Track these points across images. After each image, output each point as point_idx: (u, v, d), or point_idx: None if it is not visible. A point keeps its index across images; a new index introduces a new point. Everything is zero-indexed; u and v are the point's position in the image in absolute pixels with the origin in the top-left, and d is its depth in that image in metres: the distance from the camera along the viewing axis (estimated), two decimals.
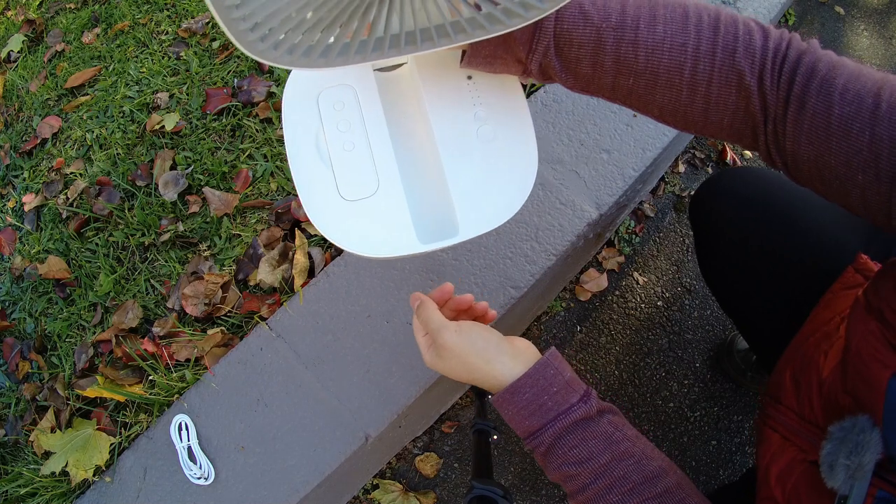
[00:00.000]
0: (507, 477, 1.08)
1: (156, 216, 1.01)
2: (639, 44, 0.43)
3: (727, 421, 1.12)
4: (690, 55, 0.42)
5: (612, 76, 0.45)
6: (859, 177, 0.39)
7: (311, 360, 0.77)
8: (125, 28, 1.30)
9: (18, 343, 0.98)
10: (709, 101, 0.43)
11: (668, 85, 0.44)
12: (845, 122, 0.38)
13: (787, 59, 0.41)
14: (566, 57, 0.45)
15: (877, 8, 1.80)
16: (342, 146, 0.50)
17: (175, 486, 0.74)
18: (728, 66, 0.42)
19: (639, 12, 0.43)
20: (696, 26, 0.42)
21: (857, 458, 0.39)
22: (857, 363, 0.44)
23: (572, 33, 0.44)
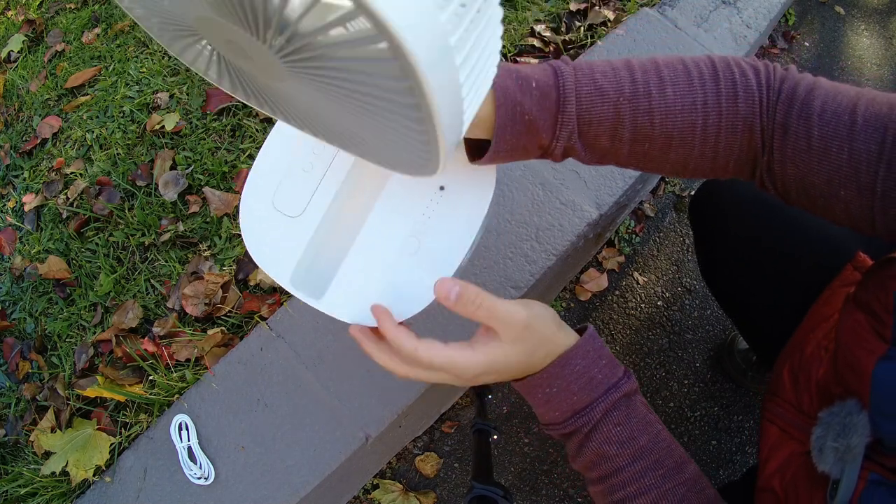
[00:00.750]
0: (507, 477, 1.08)
1: (156, 216, 1.01)
2: (654, 111, 0.42)
3: (727, 421, 1.12)
4: (700, 112, 0.42)
5: (628, 145, 0.44)
6: (842, 192, 0.40)
7: (311, 360, 0.77)
8: (125, 28, 1.30)
9: (18, 343, 0.98)
10: (717, 151, 0.44)
11: (681, 144, 0.44)
12: (825, 142, 0.39)
13: (772, 90, 0.42)
14: (586, 135, 0.44)
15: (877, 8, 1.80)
16: (303, 165, 0.53)
17: (175, 486, 0.74)
18: (733, 114, 0.42)
19: (647, 77, 0.43)
20: (699, 80, 0.43)
21: (845, 441, 0.40)
22: (844, 353, 0.45)
23: (592, 112, 0.43)
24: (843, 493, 0.39)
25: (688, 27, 1.02)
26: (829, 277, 0.63)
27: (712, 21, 1.04)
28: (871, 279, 0.46)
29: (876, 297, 0.43)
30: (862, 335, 0.43)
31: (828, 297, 0.62)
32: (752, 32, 1.04)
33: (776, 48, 1.65)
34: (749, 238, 0.70)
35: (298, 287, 0.51)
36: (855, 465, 0.39)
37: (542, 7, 1.09)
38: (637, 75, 0.43)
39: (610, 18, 1.04)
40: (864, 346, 0.42)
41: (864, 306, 0.44)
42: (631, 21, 1.02)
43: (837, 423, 0.41)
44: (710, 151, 0.44)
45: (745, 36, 1.04)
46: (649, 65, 0.44)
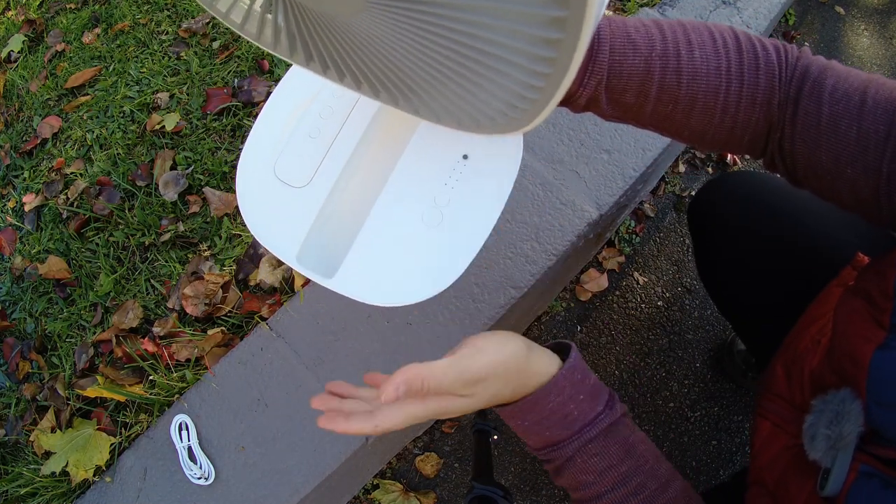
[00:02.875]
0: (507, 477, 1.08)
1: (156, 216, 1.01)
2: (682, 71, 0.42)
3: (727, 421, 1.12)
4: (724, 78, 0.42)
5: (652, 104, 0.44)
6: (848, 170, 0.40)
7: (311, 360, 0.77)
8: (125, 28, 1.30)
9: (18, 343, 0.98)
10: (736, 121, 0.43)
11: (703, 109, 0.43)
12: (834, 120, 0.40)
13: (797, 68, 0.42)
14: (613, 87, 0.43)
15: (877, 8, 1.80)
16: (309, 130, 0.48)
17: (175, 486, 0.74)
18: (754, 85, 0.42)
19: (676, 37, 0.42)
20: (724, 48, 0.42)
21: (838, 428, 0.40)
22: (841, 342, 0.45)
23: (623, 64, 0.42)
24: (833, 483, 0.39)
25: None
26: (827, 280, 0.63)
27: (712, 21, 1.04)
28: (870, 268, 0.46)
29: (875, 284, 0.43)
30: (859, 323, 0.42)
31: (825, 296, 0.62)
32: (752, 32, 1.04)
33: None
34: (747, 241, 0.70)
35: (306, 265, 0.46)
36: (846, 455, 0.39)
37: None
38: (668, 34, 0.42)
39: None
40: (861, 334, 0.42)
41: (862, 293, 0.44)
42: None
43: (831, 410, 0.41)
44: (730, 121, 0.43)
45: None
46: (678, 26, 0.43)
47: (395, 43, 0.28)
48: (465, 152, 0.48)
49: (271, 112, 0.49)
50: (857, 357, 0.41)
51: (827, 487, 0.39)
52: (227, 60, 1.17)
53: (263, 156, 0.48)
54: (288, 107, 0.49)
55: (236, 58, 1.17)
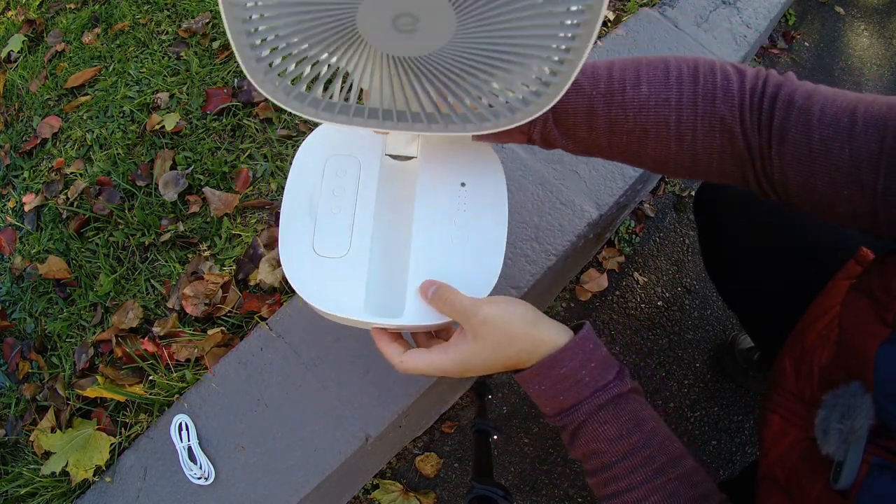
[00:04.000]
0: (507, 477, 1.08)
1: (156, 216, 1.01)
2: (626, 105, 0.45)
3: (727, 421, 1.12)
4: (674, 108, 0.45)
5: (606, 137, 0.47)
6: (845, 192, 0.41)
7: (311, 360, 0.77)
8: (125, 28, 1.30)
9: (18, 343, 0.98)
10: (696, 149, 0.46)
11: (657, 138, 0.46)
12: (825, 144, 0.40)
13: (766, 96, 0.43)
14: (563, 124, 0.49)
15: (877, 8, 1.80)
16: (330, 208, 0.55)
17: (175, 486, 0.74)
18: (710, 114, 0.44)
19: (624, 74, 0.46)
20: (676, 80, 0.45)
21: (849, 422, 0.40)
22: (848, 338, 0.45)
23: (566, 103, 0.47)
24: (846, 477, 0.39)
25: (688, 27, 1.02)
26: (833, 271, 0.63)
27: (712, 21, 1.04)
28: (875, 267, 0.46)
29: (878, 284, 0.43)
30: (865, 320, 0.43)
31: (830, 289, 0.62)
32: (752, 32, 1.04)
33: (776, 48, 1.65)
34: (753, 232, 0.71)
35: (377, 314, 0.52)
36: (858, 448, 0.39)
37: None
38: (616, 73, 0.46)
39: (610, 18, 1.04)
40: (866, 331, 0.42)
41: (868, 292, 0.44)
42: (631, 21, 1.02)
43: (842, 404, 0.41)
44: (689, 149, 0.46)
45: (745, 36, 1.04)
46: (631, 64, 0.47)
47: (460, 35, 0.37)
48: (461, 181, 0.56)
49: (291, 201, 0.56)
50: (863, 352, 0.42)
51: (840, 480, 0.40)
52: (227, 60, 1.17)
53: (299, 239, 0.54)
54: (303, 194, 0.56)
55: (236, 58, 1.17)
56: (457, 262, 0.53)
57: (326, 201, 0.55)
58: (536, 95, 0.42)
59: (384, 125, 0.46)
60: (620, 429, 0.45)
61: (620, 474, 0.44)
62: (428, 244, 0.54)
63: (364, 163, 0.57)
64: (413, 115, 0.45)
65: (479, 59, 0.39)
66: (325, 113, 0.44)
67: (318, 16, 0.35)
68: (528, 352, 0.47)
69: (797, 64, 1.64)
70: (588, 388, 0.45)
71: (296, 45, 0.37)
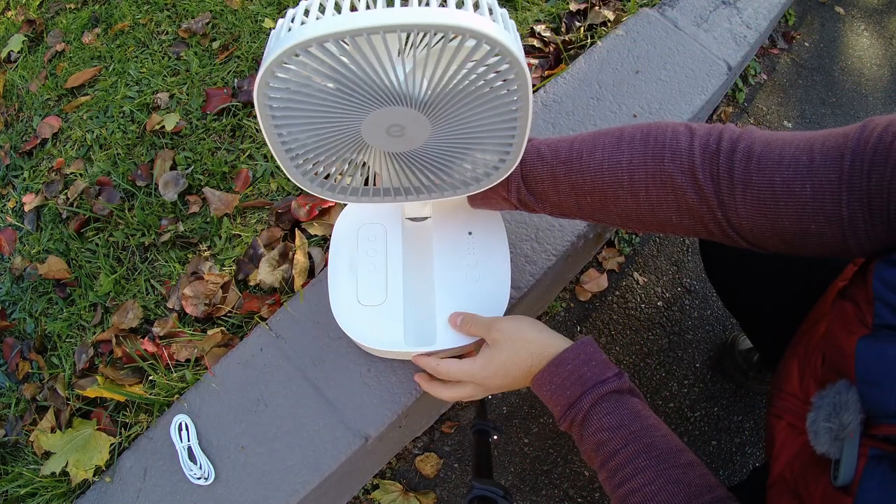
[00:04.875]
0: (507, 477, 1.08)
1: (156, 216, 1.01)
2: (584, 170, 0.53)
3: (727, 421, 1.12)
4: (625, 170, 0.50)
5: (573, 198, 0.55)
6: (812, 227, 0.43)
7: (311, 360, 0.77)
8: (125, 28, 1.30)
9: (18, 343, 0.98)
10: (652, 205, 0.50)
11: (614, 197, 0.52)
12: (787, 185, 0.43)
13: (721, 152, 0.46)
14: (534, 190, 0.57)
15: (877, 8, 1.80)
16: (367, 267, 0.68)
17: (175, 486, 0.74)
18: (659, 172, 0.49)
19: (582, 145, 0.53)
20: (628, 144, 0.51)
21: (837, 419, 0.41)
22: (832, 340, 0.47)
23: (533, 173, 0.56)
24: (844, 472, 0.40)
25: (687, 27, 1.02)
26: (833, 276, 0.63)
27: (712, 21, 1.04)
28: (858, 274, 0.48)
29: (860, 290, 0.45)
30: (848, 321, 0.44)
31: (829, 294, 0.62)
32: (752, 32, 1.04)
33: (776, 48, 1.65)
34: None
35: (415, 345, 0.65)
36: (853, 444, 0.40)
37: (542, 7, 1.09)
38: (576, 145, 0.54)
39: (610, 19, 1.04)
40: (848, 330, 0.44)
41: (851, 297, 0.46)
42: (631, 21, 1.02)
43: (828, 403, 0.42)
44: (647, 205, 0.51)
45: (745, 36, 1.04)
46: (590, 136, 0.54)
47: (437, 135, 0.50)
48: (468, 231, 0.70)
49: (335, 265, 0.70)
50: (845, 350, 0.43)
51: (839, 477, 0.40)
52: (227, 60, 1.17)
53: (345, 295, 0.68)
54: (343, 258, 0.70)
55: (236, 58, 1.17)
56: (472, 295, 0.66)
57: (363, 262, 0.68)
58: (496, 169, 0.55)
59: (395, 199, 0.60)
60: (622, 418, 0.49)
61: (625, 461, 0.47)
62: (448, 284, 0.67)
63: (389, 228, 0.70)
64: (415, 189, 0.59)
65: (451, 149, 0.52)
66: (351, 196, 0.59)
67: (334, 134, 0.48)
68: (538, 355, 0.55)
69: (797, 64, 1.64)
70: (589, 381, 0.51)
71: (321, 154, 0.51)
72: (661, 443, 0.48)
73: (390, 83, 0.43)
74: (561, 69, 0.97)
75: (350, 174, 0.55)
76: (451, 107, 0.46)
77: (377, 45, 0.40)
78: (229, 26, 1.22)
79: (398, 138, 0.49)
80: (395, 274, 0.68)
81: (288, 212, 0.91)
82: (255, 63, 1.15)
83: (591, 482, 1.07)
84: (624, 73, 0.94)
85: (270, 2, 1.25)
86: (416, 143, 0.50)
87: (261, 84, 0.42)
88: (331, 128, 0.48)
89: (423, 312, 0.67)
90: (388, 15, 0.37)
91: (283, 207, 0.92)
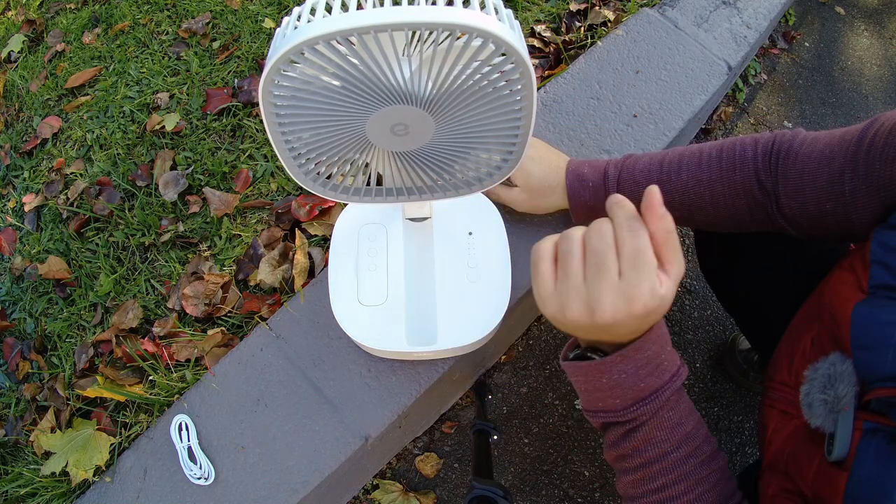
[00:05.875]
0: (507, 477, 1.08)
1: (156, 216, 1.01)
2: (673, 191, 0.59)
3: (727, 421, 1.12)
4: (706, 185, 0.58)
5: None
6: (827, 206, 0.51)
7: (311, 361, 0.77)
8: (125, 28, 1.30)
9: (18, 343, 0.98)
10: (729, 210, 0.58)
11: (699, 211, 0.60)
12: (812, 173, 0.51)
13: (772, 154, 0.55)
14: None
15: (877, 8, 1.80)
16: (368, 266, 0.68)
17: (175, 486, 0.74)
18: (731, 183, 0.57)
19: (671, 167, 0.60)
20: (707, 163, 0.58)
21: (832, 391, 0.40)
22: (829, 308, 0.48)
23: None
24: (839, 446, 0.39)
25: (688, 27, 1.02)
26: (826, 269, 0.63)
27: (712, 21, 1.04)
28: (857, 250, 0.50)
29: (858, 256, 0.47)
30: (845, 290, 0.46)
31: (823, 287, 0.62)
32: (753, 33, 1.04)
33: (776, 48, 1.65)
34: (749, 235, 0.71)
35: (416, 344, 0.65)
36: (848, 417, 0.40)
37: (543, 7, 1.09)
38: (664, 166, 0.60)
39: (610, 19, 1.04)
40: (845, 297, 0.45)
41: (848, 267, 0.49)
42: (631, 21, 1.02)
43: (822, 375, 0.42)
44: (725, 213, 0.58)
45: (745, 36, 1.04)
46: (674, 156, 0.60)
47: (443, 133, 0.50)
48: (468, 231, 0.70)
49: (335, 265, 0.69)
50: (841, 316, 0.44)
51: (834, 452, 0.40)
52: (227, 60, 1.17)
53: (346, 293, 0.68)
54: (344, 258, 0.69)
55: (236, 58, 1.17)
56: (473, 295, 0.66)
57: (364, 262, 0.68)
58: (498, 169, 0.56)
59: (398, 199, 0.60)
60: (681, 415, 0.44)
61: (672, 465, 0.43)
62: (448, 284, 0.67)
63: (389, 228, 0.70)
64: (417, 189, 0.59)
65: (454, 148, 0.52)
66: (353, 196, 0.59)
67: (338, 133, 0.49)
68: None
69: (797, 64, 1.64)
70: (667, 372, 0.43)
71: (324, 153, 0.51)
72: (706, 444, 0.46)
73: (396, 82, 0.43)
74: (561, 69, 0.97)
75: (353, 174, 0.56)
76: (455, 106, 0.46)
77: (384, 44, 0.40)
78: (229, 26, 1.22)
79: (402, 137, 0.49)
80: (395, 274, 0.68)
81: (288, 212, 0.91)
82: (256, 63, 1.15)
83: (591, 482, 1.07)
84: (624, 73, 0.94)
85: (270, 2, 1.25)
86: (420, 143, 0.51)
87: (266, 82, 0.42)
88: (335, 127, 0.48)
89: (423, 312, 0.67)
90: (396, 13, 0.38)
91: (283, 207, 0.92)
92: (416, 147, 0.52)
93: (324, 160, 0.53)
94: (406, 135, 0.49)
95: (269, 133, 0.47)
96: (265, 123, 0.46)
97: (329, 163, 0.53)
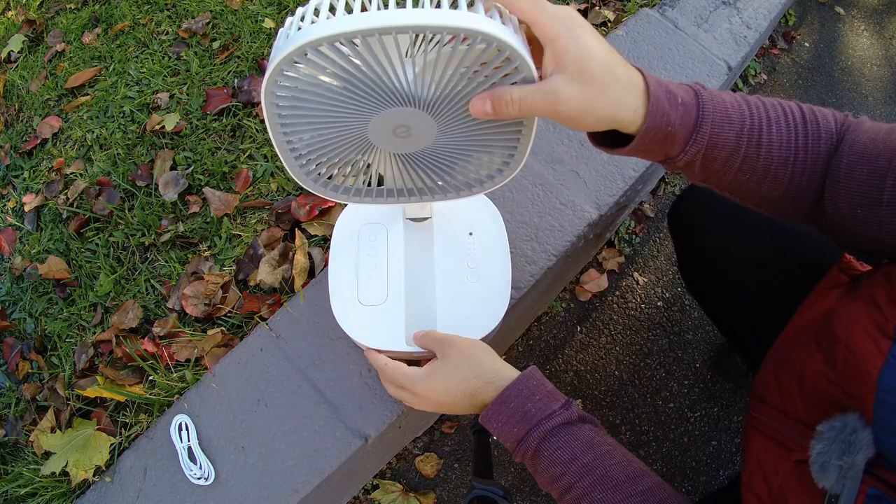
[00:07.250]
0: (507, 477, 1.08)
1: (156, 216, 1.01)
2: (762, 144, 0.46)
3: (727, 421, 1.12)
4: (793, 150, 0.46)
5: (734, 173, 0.47)
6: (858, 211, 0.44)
7: (311, 360, 0.77)
8: (125, 28, 1.30)
9: (18, 343, 0.98)
10: (800, 188, 0.47)
11: (774, 178, 0.47)
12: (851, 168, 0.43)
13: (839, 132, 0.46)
14: (708, 156, 0.46)
15: (877, 8, 1.80)
16: (368, 266, 0.68)
17: (175, 486, 0.74)
18: (815, 154, 0.46)
19: (759, 113, 0.46)
20: (793, 121, 0.46)
21: (850, 458, 0.39)
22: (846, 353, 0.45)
23: (720, 136, 0.45)
24: None
25: (688, 27, 1.02)
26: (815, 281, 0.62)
27: (712, 21, 1.04)
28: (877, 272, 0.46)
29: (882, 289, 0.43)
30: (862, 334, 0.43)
31: (814, 300, 0.61)
32: (752, 33, 1.04)
33: (776, 48, 1.65)
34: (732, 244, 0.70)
35: (415, 345, 0.64)
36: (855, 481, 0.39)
37: None
38: (753, 110, 0.47)
39: (610, 19, 1.04)
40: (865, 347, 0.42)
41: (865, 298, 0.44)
42: (631, 21, 1.02)
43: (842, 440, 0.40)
44: (795, 189, 0.47)
45: (745, 36, 1.04)
46: (758, 102, 0.47)
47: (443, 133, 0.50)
48: (469, 231, 0.70)
49: (335, 265, 0.70)
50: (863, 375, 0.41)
51: None
52: (227, 60, 1.17)
53: (346, 294, 0.68)
54: (344, 258, 0.70)
55: (236, 58, 1.17)
56: (473, 295, 0.66)
57: (364, 262, 0.68)
58: (499, 171, 0.55)
59: (398, 200, 0.60)
60: (573, 451, 0.48)
61: (581, 494, 0.47)
62: (449, 285, 0.67)
63: (389, 228, 0.70)
64: (418, 190, 0.59)
65: (456, 150, 0.52)
66: (354, 197, 0.59)
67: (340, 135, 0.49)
68: (483, 379, 0.54)
69: (797, 64, 1.64)
70: (534, 417, 0.50)
71: (326, 154, 0.51)
72: (617, 472, 0.47)
73: (399, 84, 0.43)
74: None
75: (354, 175, 0.56)
76: (458, 108, 0.46)
77: (388, 46, 0.40)
78: (229, 26, 1.22)
79: (404, 139, 0.49)
80: (395, 274, 0.68)
81: (288, 212, 0.91)
82: (256, 63, 1.15)
83: None
84: None
85: (270, 2, 1.25)
86: (422, 144, 0.51)
87: (269, 83, 0.42)
88: (337, 128, 0.48)
89: (423, 312, 0.67)
90: (401, 16, 0.38)
91: (283, 207, 0.92)
92: (418, 149, 0.52)
93: (325, 161, 0.53)
94: (408, 137, 0.49)
95: (271, 133, 0.47)
96: (267, 124, 0.46)
97: (330, 163, 0.53)
